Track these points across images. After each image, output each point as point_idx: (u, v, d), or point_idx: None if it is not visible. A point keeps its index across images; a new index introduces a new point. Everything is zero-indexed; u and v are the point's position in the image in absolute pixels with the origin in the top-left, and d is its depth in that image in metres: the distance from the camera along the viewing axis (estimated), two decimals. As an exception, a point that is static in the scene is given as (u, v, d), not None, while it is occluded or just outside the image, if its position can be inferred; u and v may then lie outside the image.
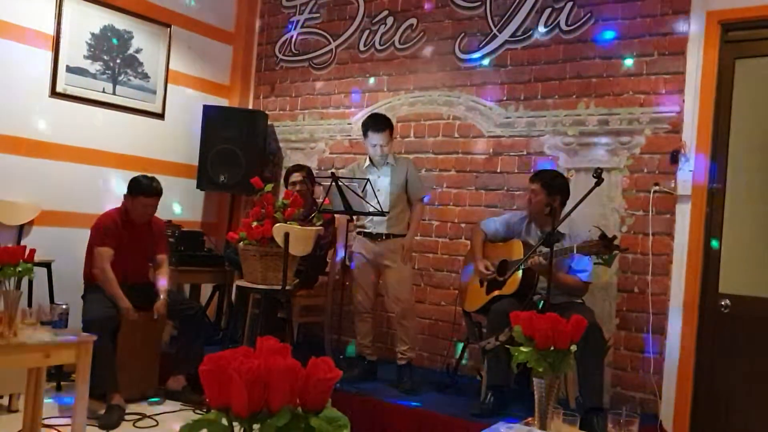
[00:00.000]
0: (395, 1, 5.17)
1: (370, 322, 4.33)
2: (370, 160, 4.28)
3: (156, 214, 4.46)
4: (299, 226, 3.88)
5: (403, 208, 4.24)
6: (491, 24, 4.70)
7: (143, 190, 4.23)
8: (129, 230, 4.26)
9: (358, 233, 4.30)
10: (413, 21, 5.06)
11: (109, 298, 4.07)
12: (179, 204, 5.54)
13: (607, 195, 4.12)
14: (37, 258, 3.26)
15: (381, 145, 4.17)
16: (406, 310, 4.18)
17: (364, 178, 4.11)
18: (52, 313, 3.19)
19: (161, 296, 4.25)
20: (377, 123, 4.24)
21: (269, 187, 4.12)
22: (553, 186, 3.76)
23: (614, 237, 3.43)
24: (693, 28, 3.96)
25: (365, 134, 4.25)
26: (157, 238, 4.46)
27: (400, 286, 4.19)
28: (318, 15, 5.61)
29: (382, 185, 4.20)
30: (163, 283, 4.34)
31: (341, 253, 4.48)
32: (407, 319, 4.19)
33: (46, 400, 3.59)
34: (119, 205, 4.34)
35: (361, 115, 5.28)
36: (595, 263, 3.74)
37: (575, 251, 3.48)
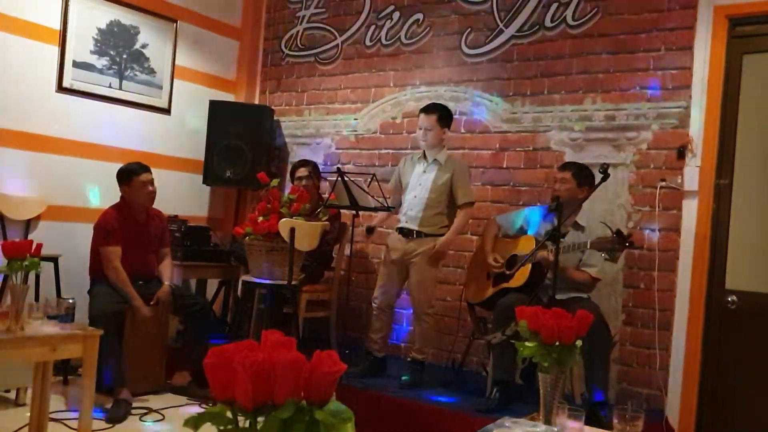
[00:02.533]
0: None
1: (383, 320, 4.26)
2: (424, 152, 4.21)
3: (160, 209, 4.49)
4: (305, 221, 3.88)
5: (442, 210, 4.10)
6: (498, 19, 4.68)
7: (134, 169, 4.26)
8: (132, 225, 4.27)
9: (395, 229, 4.24)
10: (419, 16, 5.05)
11: (115, 292, 4.09)
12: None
13: (614, 191, 4.11)
14: (43, 252, 3.27)
15: (425, 128, 4.09)
16: (419, 312, 4.14)
17: (370, 174, 4.09)
18: (59, 307, 3.20)
19: (164, 283, 4.31)
20: (427, 105, 4.21)
21: (275, 182, 4.12)
22: (582, 176, 3.74)
23: (629, 234, 3.42)
24: (700, 23, 3.94)
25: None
26: (161, 232, 4.48)
27: (419, 287, 4.12)
28: (324, 10, 5.61)
29: (424, 181, 4.12)
30: (166, 274, 4.39)
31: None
32: (419, 321, 4.16)
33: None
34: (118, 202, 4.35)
35: (367, 111, 5.29)
36: (604, 259, 3.74)
37: (589, 246, 3.47)
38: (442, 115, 4.13)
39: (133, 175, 4.24)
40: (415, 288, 4.14)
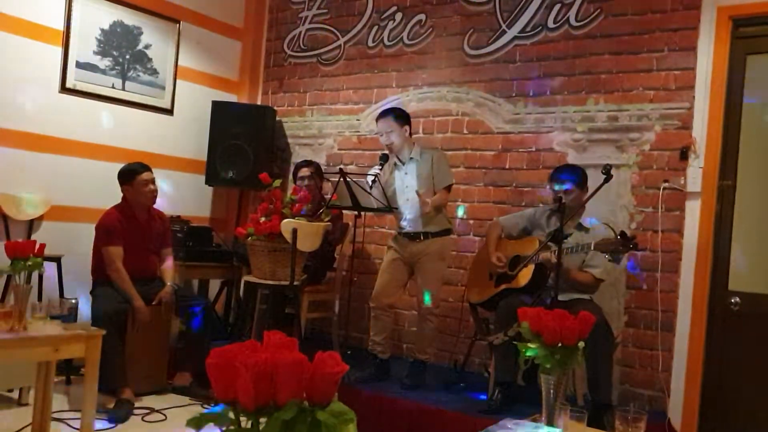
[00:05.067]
0: (404, -4, 5.17)
1: (384, 319, 4.21)
2: (397, 157, 4.19)
3: (163, 210, 4.50)
4: (307, 222, 3.88)
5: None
6: (500, 20, 4.68)
7: (135, 169, 4.28)
8: (134, 225, 4.28)
9: (398, 233, 4.22)
10: (422, 17, 5.05)
11: (118, 293, 4.09)
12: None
13: (617, 192, 4.11)
14: (46, 252, 3.28)
15: (385, 132, 4.09)
16: (425, 312, 4.10)
17: (373, 175, 4.08)
18: (62, 307, 3.21)
19: (167, 284, 4.31)
20: (381, 111, 4.23)
21: (277, 182, 4.13)
22: (583, 182, 3.75)
23: (634, 236, 3.42)
24: (703, 24, 3.94)
25: None
26: (163, 232, 4.49)
27: (426, 287, 4.08)
28: (326, 11, 5.61)
29: (409, 182, 4.11)
30: (168, 274, 4.40)
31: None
32: (423, 321, 4.13)
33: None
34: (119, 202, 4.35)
35: (370, 111, 5.29)
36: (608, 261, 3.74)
37: (593, 248, 3.46)
38: (396, 114, 4.14)
39: (134, 174, 4.25)
40: (422, 287, 4.12)
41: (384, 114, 4.18)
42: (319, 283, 4.74)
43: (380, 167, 4.13)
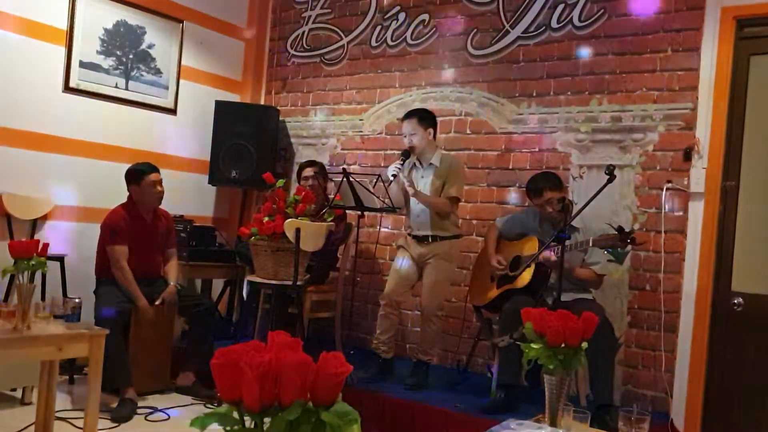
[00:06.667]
0: (407, -4, 5.17)
1: (392, 318, 4.20)
2: (417, 158, 4.19)
3: (166, 209, 4.51)
4: (311, 222, 3.88)
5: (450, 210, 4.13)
6: (504, 20, 4.68)
7: (144, 169, 4.28)
8: (139, 225, 4.28)
9: (408, 234, 4.23)
10: (425, 17, 5.05)
11: (121, 293, 4.10)
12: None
13: (620, 192, 4.10)
14: (50, 252, 3.28)
15: (409, 134, 4.08)
16: (429, 314, 4.10)
17: (375, 174, 4.08)
18: (65, 306, 3.22)
19: (170, 283, 4.32)
20: (407, 112, 4.21)
21: (281, 182, 4.13)
22: (562, 184, 3.78)
23: (632, 230, 3.42)
24: (707, 24, 3.93)
25: None
26: (168, 232, 4.49)
27: (431, 289, 4.09)
28: (330, 10, 5.61)
29: (423, 185, 4.12)
30: (172, 274, 4.40)
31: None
32: (427, 323, 4.13)
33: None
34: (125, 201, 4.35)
35: (373, 111, 5.29)
36: (607, 260, 3.74)
37: (591, 244, 3.47)
38: (421, 116, 4.12)
39: (143, 175, 4.25)
40: (427, 290, 4.11)
41: (409, 115, 4.15)
42: (322, 283, 4.74)
43: (401, 162, 4.10)
